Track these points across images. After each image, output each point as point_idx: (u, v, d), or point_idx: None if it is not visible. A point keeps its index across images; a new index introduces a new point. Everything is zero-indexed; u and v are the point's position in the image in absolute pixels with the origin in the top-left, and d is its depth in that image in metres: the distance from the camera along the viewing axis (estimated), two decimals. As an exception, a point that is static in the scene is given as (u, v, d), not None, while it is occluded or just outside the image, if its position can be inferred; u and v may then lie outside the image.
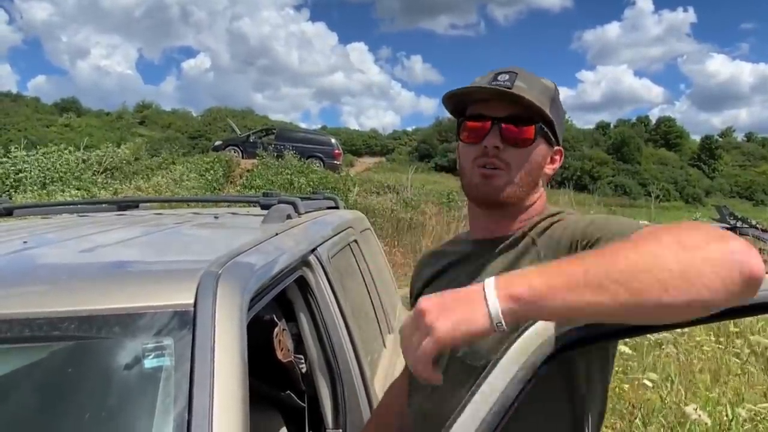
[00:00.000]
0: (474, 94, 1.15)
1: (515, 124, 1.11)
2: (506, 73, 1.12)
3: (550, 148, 1.18)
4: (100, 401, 1.03)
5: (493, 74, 1.14)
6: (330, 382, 1.69)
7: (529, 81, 1.12)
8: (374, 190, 19.76)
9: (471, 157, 1.15)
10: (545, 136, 1.15)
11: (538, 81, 1.15)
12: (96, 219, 2.21)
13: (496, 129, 1.11)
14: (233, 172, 18.63)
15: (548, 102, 1.13)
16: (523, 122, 1.11)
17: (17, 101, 53.90)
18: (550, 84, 1.17)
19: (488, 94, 1.11)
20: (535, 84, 1.13)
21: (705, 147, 58.68)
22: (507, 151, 1.11)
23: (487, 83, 1.12)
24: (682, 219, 21.19)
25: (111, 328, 1.03)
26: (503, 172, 1.12)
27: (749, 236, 10.44)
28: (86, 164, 15.28)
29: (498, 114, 1.11)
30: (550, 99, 1.15)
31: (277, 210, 1.94)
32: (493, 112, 1.12)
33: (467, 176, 1.16)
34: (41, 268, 1.30)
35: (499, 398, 0.94)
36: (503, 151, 1.11)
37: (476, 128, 1.14)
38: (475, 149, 1.14)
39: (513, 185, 1.13)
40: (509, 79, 1.11)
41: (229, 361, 0.99)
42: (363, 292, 2.39)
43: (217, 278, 1.10)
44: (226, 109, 55.11)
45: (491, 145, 1.11)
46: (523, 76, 1.12)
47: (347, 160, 33.94)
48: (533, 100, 1.09)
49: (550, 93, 1.15)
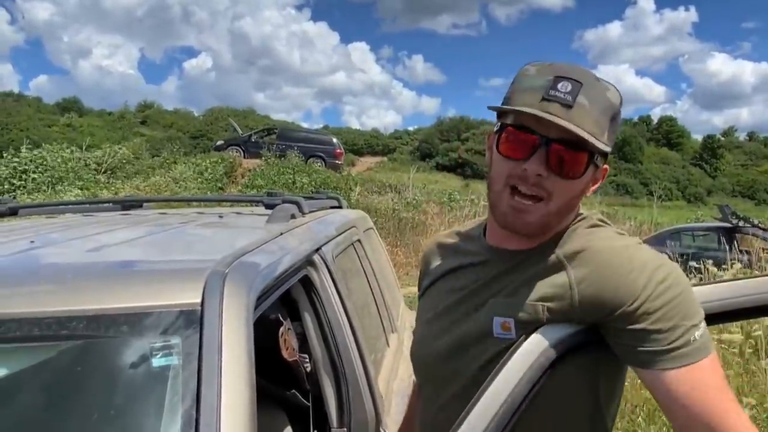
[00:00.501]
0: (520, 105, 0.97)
1: (569, 149, 0.95)
2: (569, 81, 0.95)
3: (597, 170, 1.02)
4: (108, 400, 1.04)
5: (553, 77, 0.96)
6: (334, 381, 1.69)
7: (593, 95, 0.96)
8: (376, 190, 19.77)
9: (506, 172, 0.99)
10: (596, 163, 0.99)
11: (602, 94, 0.97)
12: (100, 219, 2.21)
13: (542, 151, 0.95)
14: (235, 171, 18.66)
15: (608, 123, 0.97)
16: (576, 147, 0.95)
17: (19, 101, 53.94)
18: (616, 98, 0.99)
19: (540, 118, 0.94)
20: (599, 99, 0.96)
21: (707, 146, 58.61)
22: (551, 180, 0.96)
23: (544, 89, 0.95)
24: (685, 218, 21.04)
25: (119, 327, 1.04)
26: (540, 205, 0.98)
27: (751, 235, 10.43)
28: (87, 164, 15.31)
29: (549, 133, 0.95)
30: (611, 118, 0.98)
31: (281, 210, 1.95)
32: (544, 128, 0.95)
33: (496, 194, 1.02)
34: (49, 268, 1.30)
35: (508, 398, 0.94)
36: (547, 179, 0.96)
37: (520, 143, 0.98)
38: (512, 166, 0.98)
39: (547, 217, 0.99)
40: (571, 91, 0.94)
41: (237, 360, 1.00)
42: (367, 292, 2.39)
43: (223, 278, 1.11)
44: (228, 108, 55.09)
45: (533, 172, 0.96)
46: (588, 87, 0.96)
47: (349, 160, 33.90)
48: (593, 127, 0.94)
49: (613, 111, 0.98)
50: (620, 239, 1.03)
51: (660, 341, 0.92)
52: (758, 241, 10.00)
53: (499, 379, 0.95)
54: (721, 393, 0.91)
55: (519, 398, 0.94)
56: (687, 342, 0.91)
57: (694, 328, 0.92)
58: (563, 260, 1.00)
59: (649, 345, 0.92)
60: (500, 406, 0.94)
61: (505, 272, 1.05)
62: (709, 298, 1.03)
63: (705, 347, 0.93)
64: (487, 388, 0.96)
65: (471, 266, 1.12)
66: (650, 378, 0.94)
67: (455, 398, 1.05)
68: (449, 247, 1.22)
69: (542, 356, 0.96)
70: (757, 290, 1.04)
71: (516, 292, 1.02)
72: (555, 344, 0.97)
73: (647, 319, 0.92)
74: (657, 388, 0.94)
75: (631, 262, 0.95)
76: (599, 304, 0.94)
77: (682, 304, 0.93)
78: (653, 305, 0.92)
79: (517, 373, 0.95)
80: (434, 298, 1.17)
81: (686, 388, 0.91)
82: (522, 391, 0.94)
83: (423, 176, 32.39)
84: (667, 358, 0.91)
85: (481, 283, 1.08)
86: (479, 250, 1.12)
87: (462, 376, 1.04)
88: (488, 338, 1.02)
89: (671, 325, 0.91)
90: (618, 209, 24.90)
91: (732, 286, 1.07)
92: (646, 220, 20.67)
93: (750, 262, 7.38)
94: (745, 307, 1.05)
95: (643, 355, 0.93)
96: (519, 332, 0.99)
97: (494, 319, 1.02)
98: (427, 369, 1.16)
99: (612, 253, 0.98)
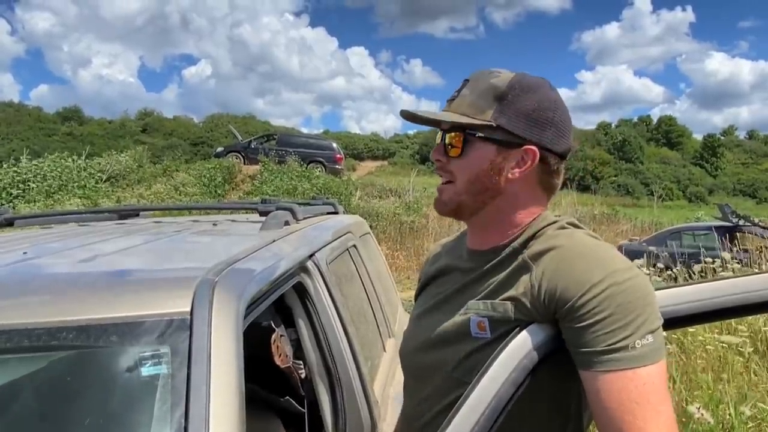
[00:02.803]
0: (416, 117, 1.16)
1: (453, 134, 1.09)
2: (464, 82, 1.11)
3: (507, 150, 1.07)
4: (97, 410, 1.04)
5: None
6: (329, 388, 1.69)
7: (475, 85, 1.09)
8: (376, 194, 19.79)
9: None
10: (489, 140, 1.06)
11: (486, 82, 1.08)
12: (96, 228, 2.22)
13: (441, 141, 1.12)
14: (235, 178, 18.69)
15: (492, 103, 1.06)
16: (454, 129, 1.09)
17: (20, 111, 54.11)
18: (502, 80, 1.07)
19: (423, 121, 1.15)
20: (479, 86, 1.08)
21: (707, 145, 58.62)
22: (450, 163, 1.10)
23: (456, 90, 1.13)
24: (686, 218, 21.00)
25: (108, 337, 1.04)
26: (450, 185, 1.11)
27: (753, 234, 10.42)
28: (88, 172, 15.33)
29: (443, 126, 1.11)
30: (496, 98, 1.06)
31: (275, 216, 1.96)
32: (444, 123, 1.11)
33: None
34: (39, 279, 1.31)
35: (493, 400, 0.95)
36: (447, 163, 1.11)
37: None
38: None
39: (459, 197, 1.10)
40: (460, 88, 1.11)
41: (226, 368, 1.00)
42: (362, 297, 2.40)
43: (213, 286, 1.11)
44: (228, 115, 55.30)
45: (434, 158, 1.13)
46: (474, 81, 1.10)
47: (349, 164, 33.99)
48: (468, 110, 1.07)
49: (496, 91, 1.06)
50: (588, 240, 1.05)
51: (597, 342, 0.91)
52: (758, 240, 9.98)
53: (484, 381, 0.96)
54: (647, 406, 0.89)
55: (504, 400, 0.95)
56: (625, 347, 0.90)
57: (637, 336, 0.91)
58: (528, 261, 1.04)
59: (586, 346, 0.92)
60: (485, 408, 0.94)
61: (482, 274, 1.10)
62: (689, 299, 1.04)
63: (647, 356, 0.91)
64: (472, 390, 0.96)
65: (456, 269, 1.18)
66: (584, 378, 0.94)
67: (435, 391, 1.09)
68: (446, 248, 1.29)
69: (526, 358, 0.96)
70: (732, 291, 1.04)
71: (490, 294, 1.06)
72: (539, 346, 0.97)
73: (590, 318, 0.92)
74: (587, 390, 0.94)
75: (589, 261, 0.98)
76: (553, 298, 0.97)
77: (631, 310, 0.92)
78: (599, 305, 0.92)
79: (501, 375, 0.96)
80: (425, 298, 1.25)
81: (610, 393, 0.90)
82: (506, 392, 0.95)
83: (424, 180, 32.36)
84: (601, 360, 0.91)
85: (462, 284, 1.13)
86: (462, 254, 1.19)
87: (441, 370, 1.08)
88: (467, 337, 1.06)
89: (613, 328, 0.91)
90: (619, 209, 24.91)
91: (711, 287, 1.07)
92: (647, 220, 20.66)
93: (749, 260, 7.36)
94: (747, 305, 1.06)
95: (580, 356, 0.94)
96: (493, 332, 1.03)
97: (471, 319, 1.06)
98: (410, 363, 1.21)
99: (573, 251, 1.01)
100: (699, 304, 1.07)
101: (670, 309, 1.06)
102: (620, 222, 19.01)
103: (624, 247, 11.16)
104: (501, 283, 1.05)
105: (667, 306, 1.05)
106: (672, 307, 1.07)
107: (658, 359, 0.92)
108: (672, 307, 1.07)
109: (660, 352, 0.93)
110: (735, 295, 1.07)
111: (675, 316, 1.07)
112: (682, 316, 1.08)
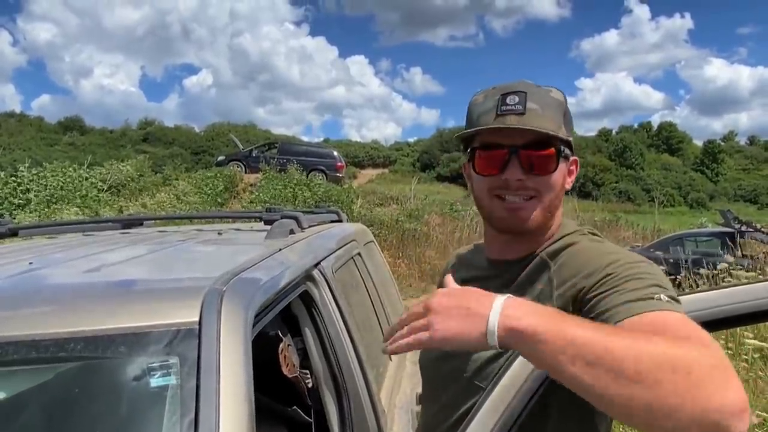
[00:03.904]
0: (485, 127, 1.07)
1: (535, 150, 1.04)
2: (515, 94, 1.04)
3: (567, 163, 1.11)
4: (106, 421, 1.03)
5: (500, 95, 1.06)
6: (336, 397, 1.68)
7: (540, 99, 1.05)
8: (378, 202, 19.78)
9: (487, 187, 1.09)
10: (565, 156, 1.08)
11: (548, 96, 1.07)
12: (100, 238, 2.22)
13: (515, 159, 1.04)
14: (236, 186, 18.70)
15: (561, 118, 1.07)
16: (542, 146, 1.04)
17: (21, 121, 54.17)
18: (560, 95, 1.09)
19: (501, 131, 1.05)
20: (546, 101, 1.06)
21: (708, 151, 58.54)
22: (531, 180, 1.05)
23: (495, 108, 1.05)
24: (688, 224, 20.96)
25: (116, 348, 1.04)
26: (534, 202, 1.06)
27: (755, 240, 10.40)
28: (90, 182, 15.31)
29: (515, 142, 1.04)
30: (563, 113, 1.08)
31: (280, 225, 1.95)
32: (509, 139, 1.04)
33: (487, 208, 1.11)
34: (46, 290, 1.30)
35: (506, 410, 0.94)
36: (527, 180, 1.05)
37: (493, 159, 1.06)
38: (492, 180, 1.07)
39: (542, 212, 1.07)
40: (519, 101, 1.03)
41: (235, 378, 1.00)
42: (367, 305, 2.39)
43: (221, 296, 1.11)
44: (229, 124, 55.27)
45: (514, 178, 1.04)
46: (533, 94, 1.05)
47: (350, 172, 33.99)
48: (549, 124, 1.03)
49: (563, 107, 1.08)
50: (606, 242, 1.09)
51: (625, 298, 0.89)
52: (761, 245, 9.96)
53: (498, 390, 0.95)
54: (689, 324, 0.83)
55: (518, 409, 0.94)
56: (650, 297, 0.88)
57: (660, 290, 0.89)
58: (546, 259, 1.08)
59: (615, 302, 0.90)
60: (499, 418, 0.94)
61: (503, 283, 1.10)
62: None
63: (672, 306, 0.87)
64: (486, 398, 0.96)
65: (476, 279, 1.16)
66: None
67: (454, 399, 1.09)
68: (463, 259, 1.31)
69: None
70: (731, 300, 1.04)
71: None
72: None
73: (612, 283, 0.93)
74: None
75: (605, 251, 1.01)
76: (572, 285, 0.99)
77: (649, 279, 0.92)
78: (619, 273, 0.94)
79: (515, 385, 0.95)
80: None
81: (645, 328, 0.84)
82: (521, 401, 0.94)
83: (424, 187, 32.43)
84: (626, 308, 0.88)
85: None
86: (482, 264, 1.20)
87: (461, 378, 1.08)
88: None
89: (637, 286, 0.90)
90: (620, 216, 24.89)
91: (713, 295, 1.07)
92: (649, 226, 20.63)
93: (754, 266, 7.35)
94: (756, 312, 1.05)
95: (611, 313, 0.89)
96: None
97: None
98: (428, 370, 1.22)
99: (591, 246, 1.06)
100: (712, 311, 1.06)
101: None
102: (622, 228, 19.01)
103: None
104: (521, 286, 1.07)
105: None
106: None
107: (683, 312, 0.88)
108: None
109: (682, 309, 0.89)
110: (746, 303, 1.06)
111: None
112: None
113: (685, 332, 0.80)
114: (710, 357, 0.73)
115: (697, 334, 0.79)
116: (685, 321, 0.84)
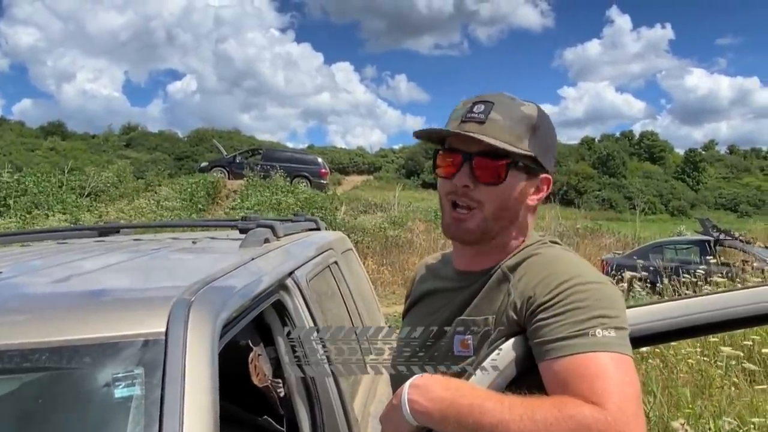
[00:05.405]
0: (444, 132, 1.10)
1: (488, 159, 1.05)
2: (483, 103, 1.07)
3: (533, 179, 1.11)
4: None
5: (471, 103, 1.09)
6: (308, 406, 1.68)
7: (506, 111, 1.06)
8: (362, 209, 19.78)
9: (444, 190, 1.11)
10: (524, 169, 1.08)
11: (517, 109, 1.08)
12: (75, 246, 2.20)
13: (466, 166, 1.06)
14: (219, 193, 18.59)
15: (526, 132, 1.07)
16: (495, 157, 1.05)
17: (2, 126, 53.44)
18: (532, 111, 1.09)
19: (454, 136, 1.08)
20: (513, 113, 1.07)
21: (689, 160, 59.28)
22: (478, 189, 1.06)
23: (463, 114, 1.08)
24: (668, 232, 21.11)
25: (81, 359, 1.04)
26: (475, 212, 1.07)
27: (734, 248, 10.55)
28: (69, 187, 15.14)
29: (470, 149, 1.06)
30: (530, 128, 1.07)
31: (254, 234, 1.95)
32: (466, 146, 1.06)
33: (443, 212, 1.13)
34: (14, 300, 1.29)
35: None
36: (474, 189, 1.06)
37: (448, 163, 1.09)
38: (448, 184, 1.10)
39: (485, 224, 1.08)
40: (484, 110, 1.06)
41: (200, 389, 1.00)
42: (343, 314, 2.39)
43: (189, 306, 1.11)
44: (213, 130, 54.92)
45: (461, 184, 1.07)
46: (501, 105, 1.06)
47: (334, 179, 33.95)
48: (506, 137, 1.04)
49: (530, 122, 1.08)
50: (564, 252, 1.09)
51: (558, 332, 0.91)
52: (739, 254, 10.11)
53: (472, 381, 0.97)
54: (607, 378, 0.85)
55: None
56: (584, 334, 0.90)
57: (599, 327, 0.90)
58: (507, 272, 1.08)
59: (547, 336, 0.93)
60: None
61: (470, 295, 1.11)
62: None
63: (609, 345, 0.89)
64: None
65: (443, 290, 1.19)
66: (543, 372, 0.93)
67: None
68: (432, 269, 1.30)
69: (500, 377, 0.98)
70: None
71: (474, 310, 1.08)
72: (517, 361, 0.99)
73: (553, 310, 0.94)
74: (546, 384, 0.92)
75: (560, 265, 1.02)
76: (525, 299, 1.00)
77: (595, 307, 0.93)
78: (565, 299, 0.95)
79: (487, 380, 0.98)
80: (412, 318, 1.25)
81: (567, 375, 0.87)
82: None
83: (409, 194, 32.46)
84: (559, 346, 0.90)
85: (448, 304, 1.14)
86: (449, 275, 1.20)
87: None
88: (450, 356, 1.08)
89: (574, 319, 0.92)
90: (602, 223, 25.09)
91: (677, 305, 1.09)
92: (630, 233, 20.82)
93: (729, 273, 7.45)
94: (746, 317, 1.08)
95: (540, 347, 0.93)
96: (476, 349, 1.05)
97: (455, 338, 1.08)
98: (397, 381, 1.20)
99: (546, 257, 1.06)
100: (685, 319, 1.08)
101: (658, 324, 1.08)
102: (603, 236, 19.15)
103: (607, 260, 11.26)
104: (483, 299, 1.08)
105: (654, 321, 1.08)
106: (658, 323, 1.09)
107: (622, 352, 0.90)
108: (658, 323, 1.09)
109: (624, 348, 0.91)
110: (720, 311, 1.09)
111: (658, 331, 1.09)
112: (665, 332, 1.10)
113: (601, 387, 0.84)
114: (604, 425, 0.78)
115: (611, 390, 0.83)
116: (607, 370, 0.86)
